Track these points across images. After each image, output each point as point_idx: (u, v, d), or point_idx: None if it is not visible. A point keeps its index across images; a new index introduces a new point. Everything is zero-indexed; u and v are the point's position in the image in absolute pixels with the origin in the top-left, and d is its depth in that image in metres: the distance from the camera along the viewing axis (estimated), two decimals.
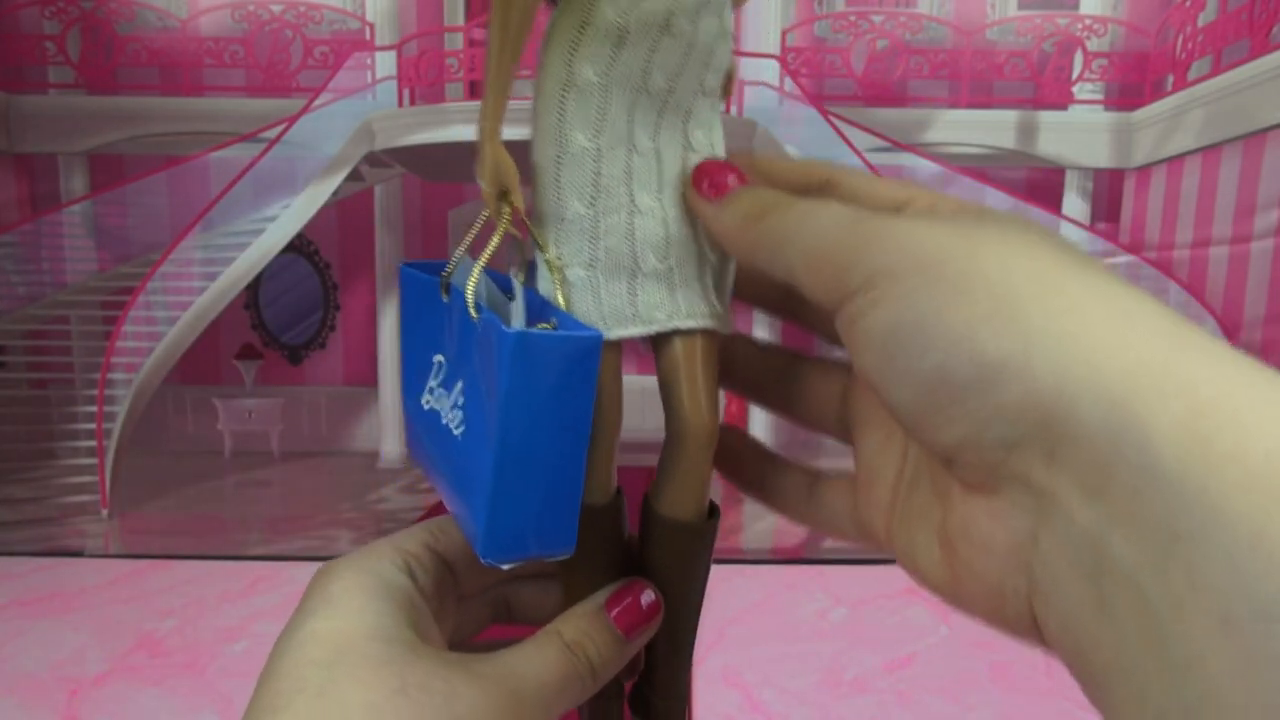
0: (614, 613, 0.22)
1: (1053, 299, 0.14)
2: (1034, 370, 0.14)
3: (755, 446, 0.25)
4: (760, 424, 4.67)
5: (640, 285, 0.21)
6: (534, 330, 0.19)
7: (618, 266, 0.21)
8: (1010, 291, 0.15)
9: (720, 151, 0.22)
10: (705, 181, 0.21)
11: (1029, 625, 0.16)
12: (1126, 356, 0.13)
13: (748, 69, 4.52)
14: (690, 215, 0.22)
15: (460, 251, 0.22)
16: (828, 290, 0.17)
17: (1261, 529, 0.11)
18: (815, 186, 0.21)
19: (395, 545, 0.22)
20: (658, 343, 0.22)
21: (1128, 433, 0.13)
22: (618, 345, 0.22)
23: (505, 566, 0.20)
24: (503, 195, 0.20)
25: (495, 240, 0.21)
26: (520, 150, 0.21)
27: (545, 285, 0.21)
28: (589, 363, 0.19)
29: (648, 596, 0.22)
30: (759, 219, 0.19)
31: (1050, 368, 0.14)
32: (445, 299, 0.22)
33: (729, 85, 0.22)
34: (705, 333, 0.22)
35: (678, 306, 0.22)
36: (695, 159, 0.22)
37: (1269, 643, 0.11)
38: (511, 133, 0.20)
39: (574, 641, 0.21)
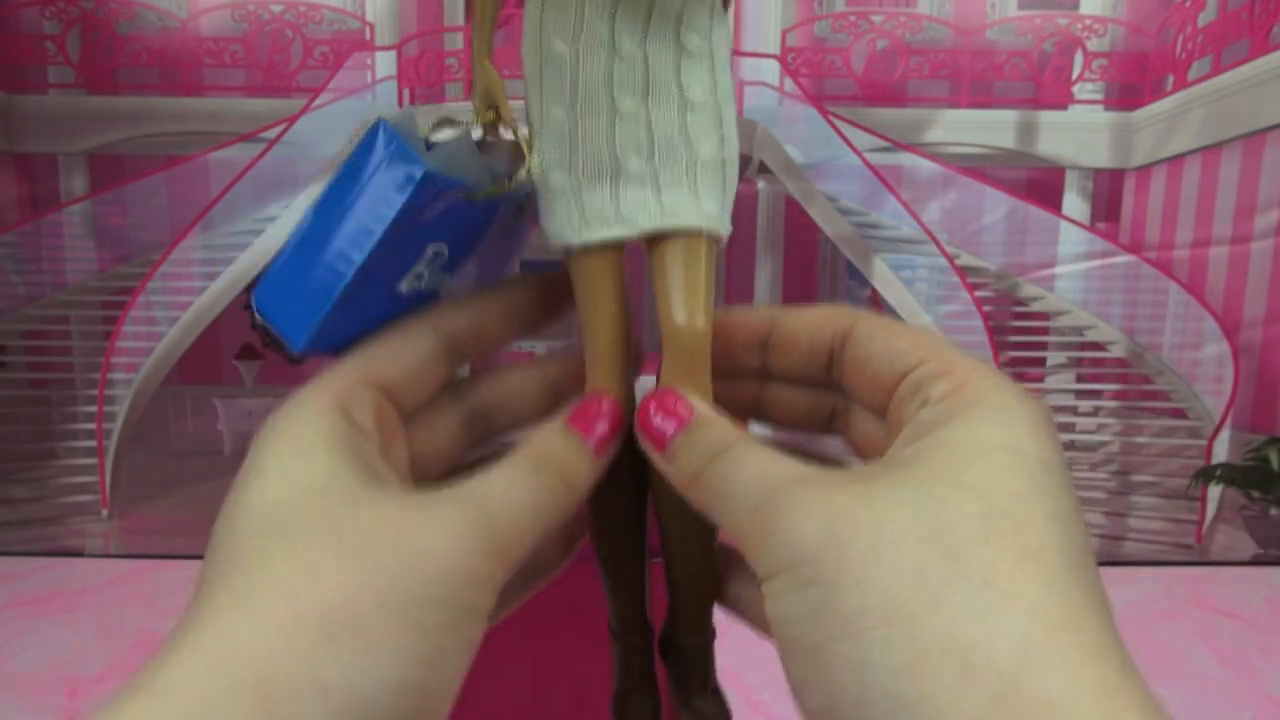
0: (576, 423, 0.21)
1: (899, 648, 0.14)
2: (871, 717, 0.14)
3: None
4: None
5: (623, 188, 0.21)
6: (395, 130, 0.19)
7: (598, 171, 0.21)
8: (861, 621, 0.14)
9: (720, 54, 0.22)
10: (648, 429, 0.20)
11: None
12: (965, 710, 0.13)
13: (747, 69, 4.52)
14: (681, 116, 0.21)
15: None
16: (751, 560, 0.17)
17: None
18: (839, 338, 0.21)
19: (322, 388, 0.20)
20: (650, 250, 0.22)
21: None
22: (618, 251, 0.21)
23: (256, 320, 0.20)
24: (494, 109, 0.21)
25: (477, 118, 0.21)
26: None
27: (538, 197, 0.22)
28: (399, 190, 0.19)
29: (608, 402, 0.21)
30: (695, 480, 0.19)
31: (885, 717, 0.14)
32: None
33: None
34: (693, 234, 0.21)
35: (662, 207, 0.21)
36: (689, 64, 0.21)
37: None
38: None
39: (541, 458, 0.20)
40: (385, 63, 4.48)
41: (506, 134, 0.21)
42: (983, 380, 0.18)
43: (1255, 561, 3.28)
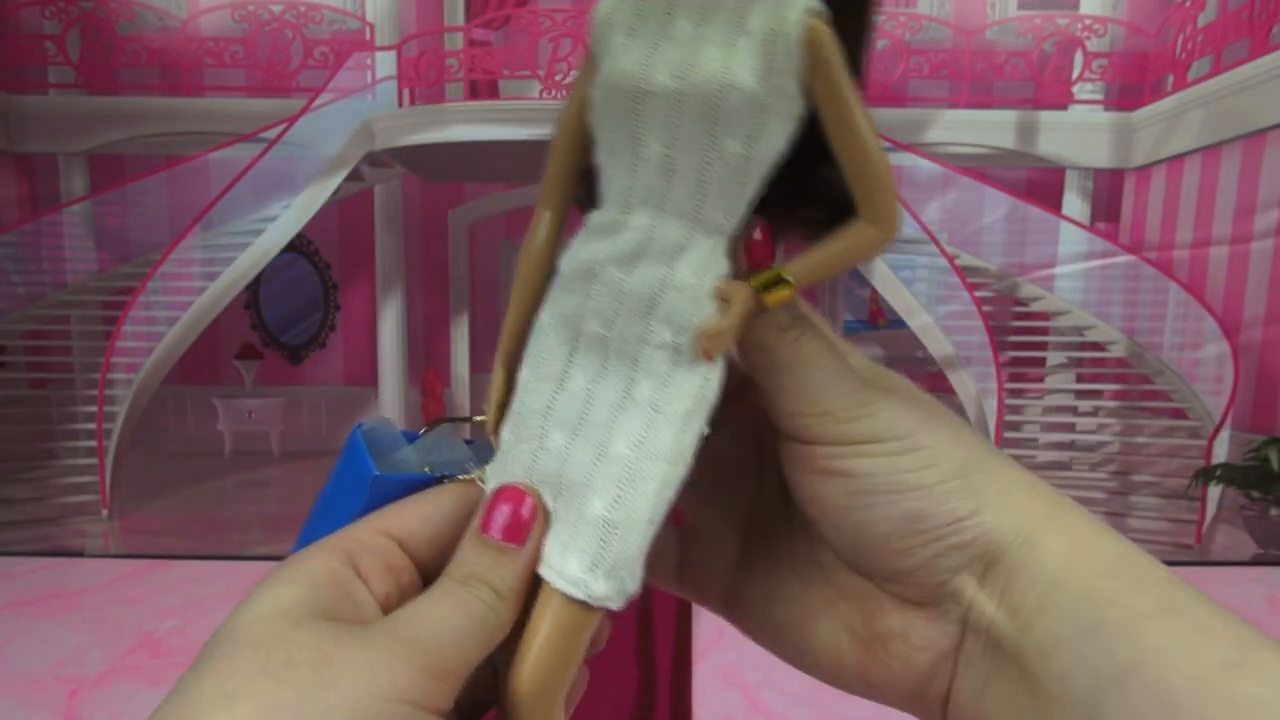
0: (490, 530, 0.21)
1: (992, 481, 0.21)
2: (984, 522, 0.21)
3: None
4: None
5: None
6: (364, 438, 0.24)
7: None
8: (964, 468, 0.21)
9: (671, 409, 0.20)
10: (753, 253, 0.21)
11: (940, 704, 0.22)
12: (1035, 513, 0.21)
13: None
14: (594, 465, 0.21)
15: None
16: (824, 429, 0.22)
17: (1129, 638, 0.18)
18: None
19: (340, 534, 0.21)
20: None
21: (1032, 551, 0.20)
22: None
23: None
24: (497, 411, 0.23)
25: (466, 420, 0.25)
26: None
27: None
28: (360, 485, 0.23)
29: (526, 502, 0.21)
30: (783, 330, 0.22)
31: (994, 521, 0.21)
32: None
33: (706, 345, 0.20)
34: (561, 593, 0.21)
35: (545, 551, 0.21)
36: (629, 411, 0.21)
37: None
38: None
39: (465, 575, 0.20)
40: (385, 63, 4.47)
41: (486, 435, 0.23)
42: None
43: (1255, 561, 3.28)
